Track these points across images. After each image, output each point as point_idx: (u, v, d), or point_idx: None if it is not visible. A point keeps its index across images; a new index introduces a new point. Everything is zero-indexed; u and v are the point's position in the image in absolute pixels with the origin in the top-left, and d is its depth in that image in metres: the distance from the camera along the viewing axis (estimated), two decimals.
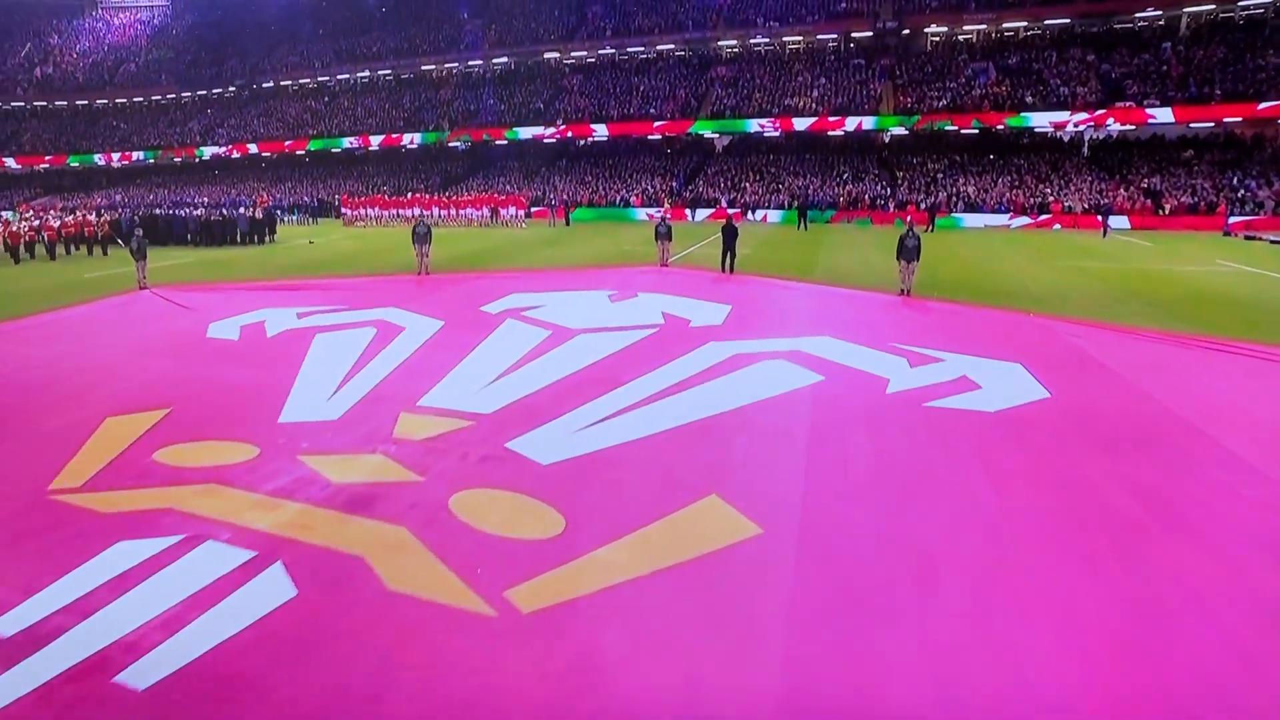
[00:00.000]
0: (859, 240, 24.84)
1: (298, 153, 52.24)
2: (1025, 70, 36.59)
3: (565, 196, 38.16)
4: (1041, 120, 34.29)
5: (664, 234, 17.60)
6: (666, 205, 39.13)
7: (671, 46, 49.01)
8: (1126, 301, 13.37)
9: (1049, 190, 32.50)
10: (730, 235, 16.45)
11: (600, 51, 51.16)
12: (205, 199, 46.19)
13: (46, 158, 53.40)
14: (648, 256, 18.63)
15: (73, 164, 53.69)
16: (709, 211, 37.74)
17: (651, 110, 44.97)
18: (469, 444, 6.80)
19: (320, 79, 55.64)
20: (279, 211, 33.70)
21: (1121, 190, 31.20)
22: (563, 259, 19.87)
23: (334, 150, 51.60)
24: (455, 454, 6.59)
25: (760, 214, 36.39)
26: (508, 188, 45.23)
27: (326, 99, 54.85)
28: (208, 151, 52.27)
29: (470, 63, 53.88)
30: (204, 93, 56.22)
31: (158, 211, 25.70)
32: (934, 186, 35.51)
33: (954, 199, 33.83)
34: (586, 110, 46.74)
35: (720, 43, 47.89)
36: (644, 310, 12.39)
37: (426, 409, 7.88)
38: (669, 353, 9.70)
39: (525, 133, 47.31)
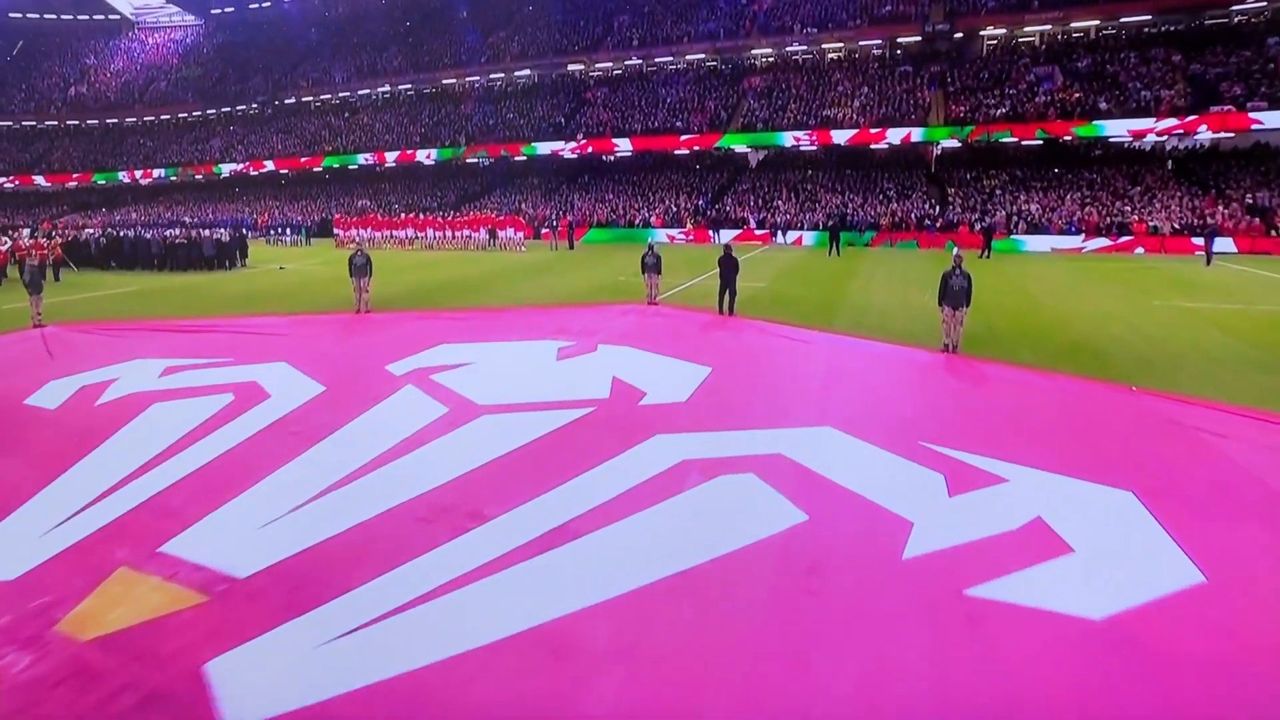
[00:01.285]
0: (900, 268, 21.40)
1: (315, 169, 51.30)
2: (1098, 74, 32.57)
3: (570, 217, 35.43)
4: (1118, 129, 30.22)
5: (651, 265, 14.62)
6: (689, 225, 36.28)
7: (702, 56, 46.39)
8: (1277, 369, 9.73)
9: (1129, 208, 28.37)
10: (729, 268, 13.37)
11: (626, 62, 48.94)
12: (187, 219, 45.37)
13: (74, 176, 53.66)
14: (642, 291, 15.68)
15: (99, 182, 53.85)
16: (735, 233, 34.64)
17: (678, 123, 42.28)
18: (169, 652, 3.88)
19: (341, 94, 54.89)
20: (274, 231, 32.10)
21: (1220, 207, 26.89)
22: (541, 293, 17.04)
23: (350, 167, 50.46)
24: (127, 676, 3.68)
25: (792, 235, 33.11)
26: (524, 207, 43.06)
27: (346, 115, 53.96)
28: (226, 168, 51.72)
29: (492, 76, 52.37)
30: (227, 110, 56.04)
31: (123, 233, 23.85)
32: (990, 204, 31.68)
33: (1014, 219, 29.97)
34: (609, 124, 44.35)
35: (754, 51, 45.05)
36: (590, 374, 9.38)
37: (165, 561, 5.03)
38: (588, 455, 6.66)
39: (544, 148, 45.20)
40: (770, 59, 45.30)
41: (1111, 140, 31.73)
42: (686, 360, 9.92)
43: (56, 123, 56.08)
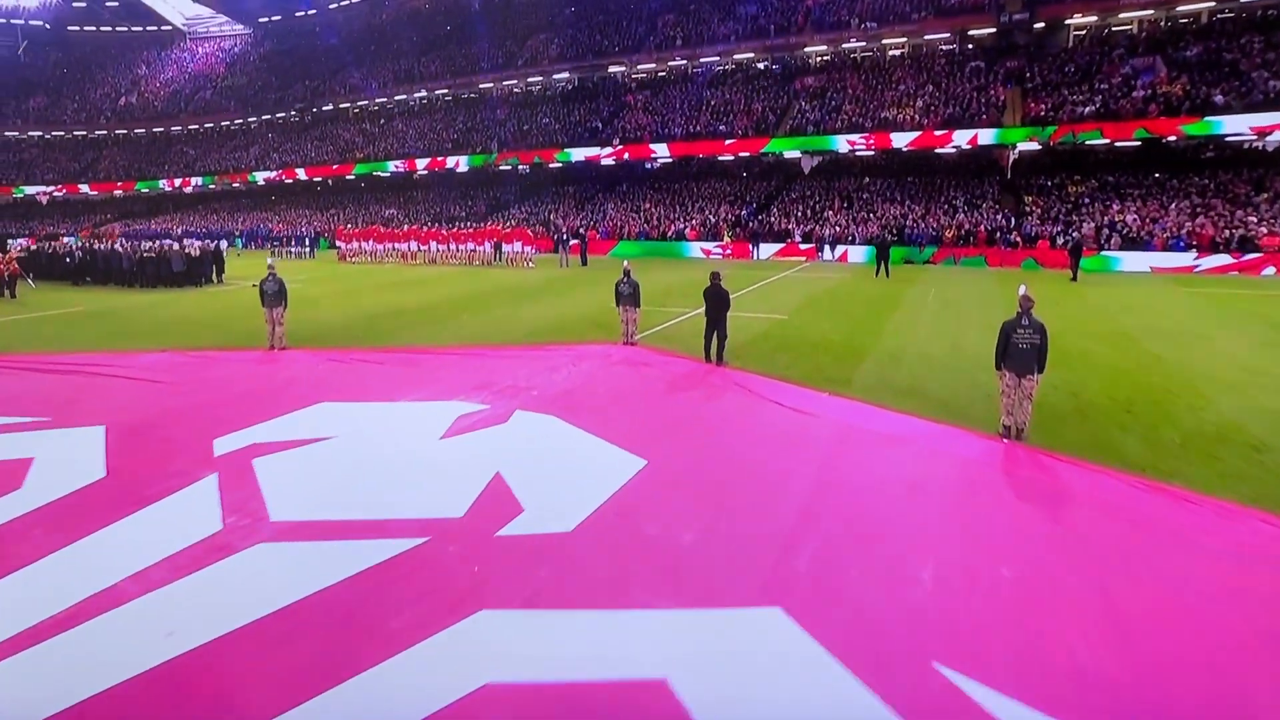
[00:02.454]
0: (958, 293, 17.87)
1: (347, 177, 50.64)
2: (1211, 63, 27.96)
3: (582, 230, 32.82)
4: (1238, 125, 25.61)
5: (626, 296, 11.82)
6: (726, 239, 33.23)
7: (751, 55, 43.43)
8: None
9: (1254, 218, 23.82)
10: (717, 304, 10.44)
11: (670, 63, 46.41)
12: (183, 230, 44.85)
13: (118, 184, 54.65)
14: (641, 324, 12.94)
15: (142, 190, 54.67)
16: (777, 247, 31.42)
17: (721, 127, 39.31)
18: None
19: (378, 101, 54.29)
20: (277, 242, 30.77)
21: None
22: (510, 324, 14.40)
23: (382, 174, 49.51)
24: None
25: (839, 251, 29.63)
26: (552, 218, 40.88)
27: (382, 121, 53.30)
28: (260, 176, 51.60)
29: (529, 80, 50.75)
30: (267, 117, 56.19)
31: (97, 246, 22.55)
32: (1076, 215, 27.48)
33: (1105, 232, 25.75)
34: (648, 128, 41.77)
35: (807, 49, 41.79)
36: (466, 469, 6.61)
37: None
38: (349, 648, 3.89)
39: (578, 154, 42.96)
40: (825, 57, 42.01)
41: (1228, 139, 27.06)
42: (618, 446, 7.05)
43: (105, 132, 57.40)
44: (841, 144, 35.16)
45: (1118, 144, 28.79)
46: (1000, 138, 30.92)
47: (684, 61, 45.87)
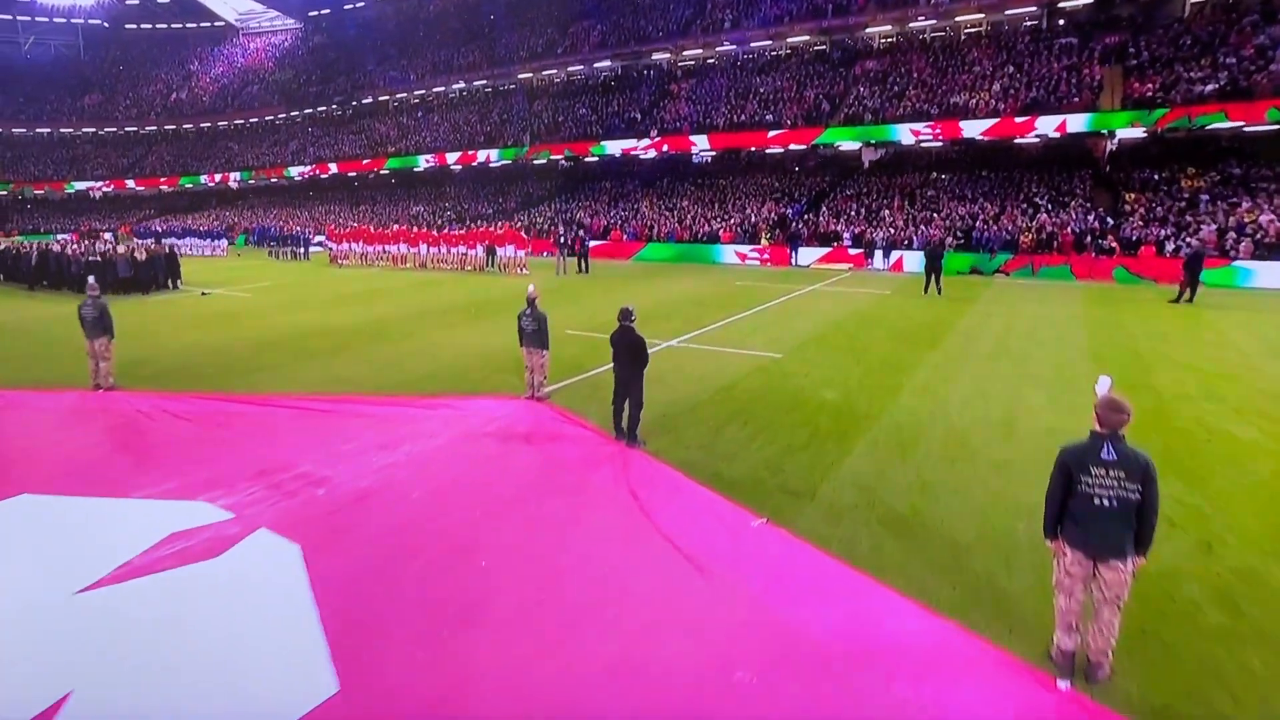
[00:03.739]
0: (1032, 319, 13.91)
1: (380, 172, 49.34)
2: None
3: (583, 232, 29.66)
4: None
5: (530, 335, 8.74)
6: (764, 241, 29.58)
7: (805, 38, 39.45)
8: None
9: None
10: (628, 358, 7.27)
11: (718, 49, 42.89)
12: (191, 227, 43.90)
13: (162, 180, 55.19)
14: (592, 357, 9.95)
15: (185, 185, 55.05)
16: (822, 252, 27.60)
17: (768, 117, 35.61)
18: None
19: (416, 93, 52.89)
20: (275, 242, 29.10)
21: None
22: (420, 360, 11.47)
23: (414, 169, 47.92)
24: None
25: (893, 257, 25.59)
26: (581, 215, 38.07)
27: (419, 114, 51.84)
28: (295, 172, 50.94)
29: (570, 69, 48.15)
30: (309, 111, 55.65)
31: (54, 248, 21.01)
32: (1192, 216, 22.61)
33: (1231, 236, 20.90)
34: (689, 119, 38.44)
35: (869, 29, 37.48)
36: (24, 678, 3.63)
37: None
38: None
39: (613, 147, 40.06)
40: (889, 38, 37.70)
41: None
42: (323, 634, 3.95)
43: (155, 128, 58.19)
44: (903, 133, 30.97)
45: (1247, 128, 23.66)
46: (1095, 124, 26.13)
47: (733, 47, 42.29)
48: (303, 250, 29.83)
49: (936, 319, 14.03)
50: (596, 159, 42.08)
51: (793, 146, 35.41)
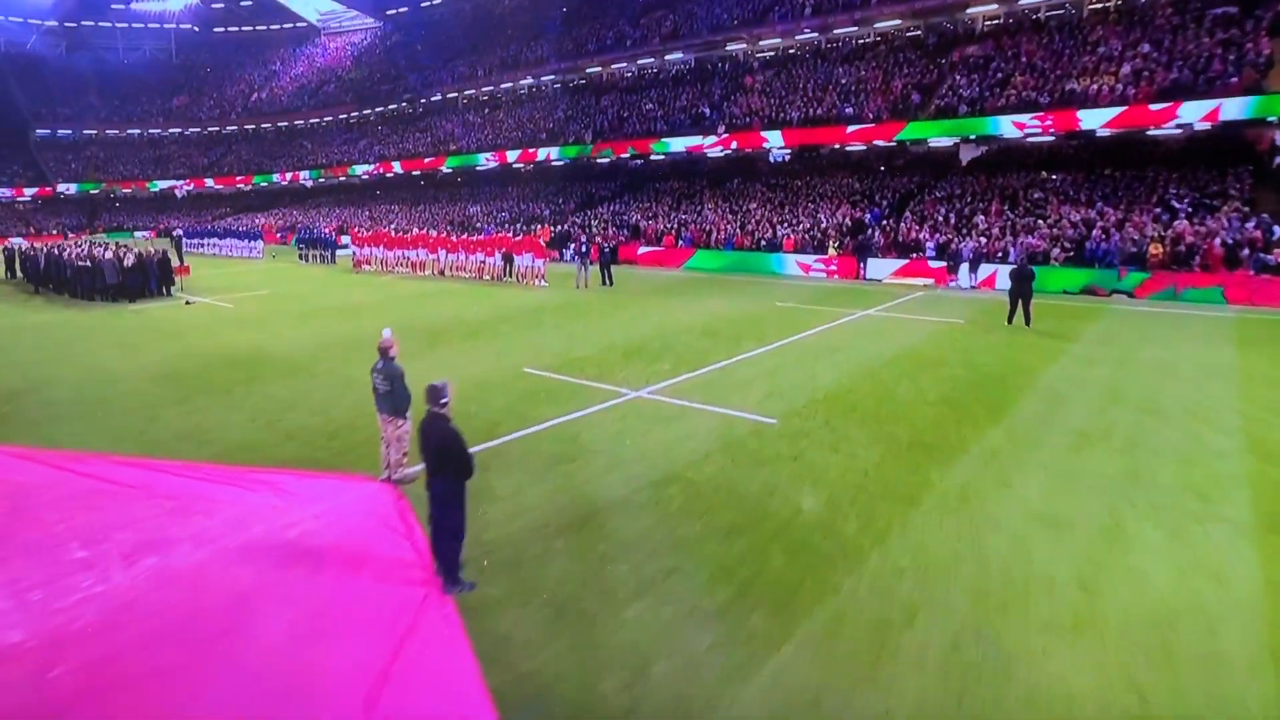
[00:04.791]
0: (1158, 365, 10.44)
1: (443, 171, 48.86)
2: None
3: (605, 237, 27.08)
4: None
5: (381, 395, 6.48)
6: (831, 251, 26.26)
7: (898, 23, 35.66)
8: None
9: None
10: (438, 459, 4.75)
11: (798, 37, 39.63)
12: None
13: (239, 178, 57.12)
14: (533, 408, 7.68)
15: (260, 184, 56.74)
16: (898, 265, 24.08)
17: (847, 110, 32.19)
18: None
19: (485, 89, 52.26)
20: (304, 245, 28.39)
21: None
22: (324, 407, 9.44)
23: (475, 168, 47.11)
24: None
25: (983, 272, 21.82)
26: (638, 219, 35.77)
27: (486, 111, 51.15)
28: (360, 170, 51.31)
29: (640, 62, 46.04)
30: (380, 109, 56.17)
31: (49, 251, 20.64)
32: None
33: None
34: (760, 113, 35.49)
35: (970, 9, 33.27)
36: None
37: None
38: None
39: (677, 144, 37.63)
40: (996, 19, 33.42)
41: None
42: None
43: (235, 128, 60.43)
44: (1005, 126, 26.95)
45: None
46: (1260, 109, 21.42)
47: (815, 34, 38.93)
48: (329, 254, 29.00)
49: (1014, 365, 10.71)
50: (663, 157, 39.82)
51: (876, 143, 31.89)
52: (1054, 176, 27.14)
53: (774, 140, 34.14)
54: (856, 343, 12.35)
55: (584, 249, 19.79)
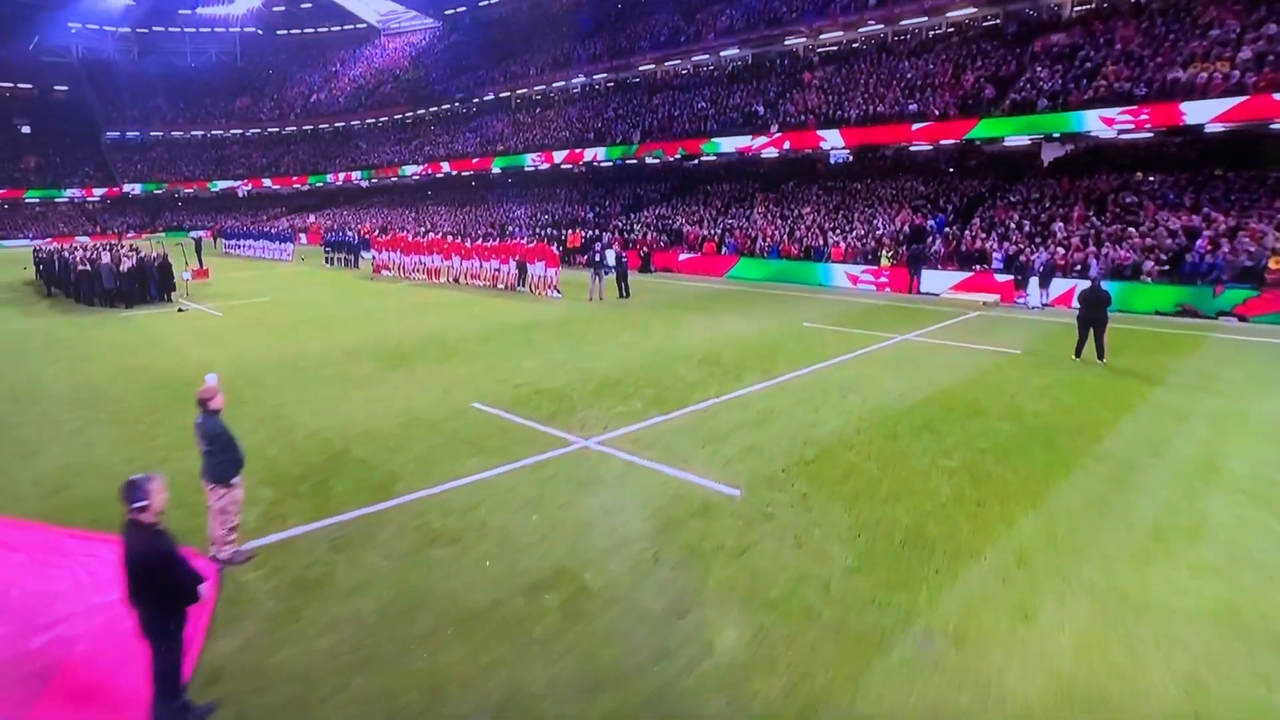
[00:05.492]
0: (1273, 420, 8.14)
1: (490, 172, 48.40)
2: None
3: (641, 243, 25.28)
4: None
5: (203, 456, 5.04)
6: (884, 261, 23.98)
7: (972, 11, 32.97)
8: None
9: None
10: (135, 581, 3.25)
11: (862, 29, 37.28)
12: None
13: (295, 179, 58.34)
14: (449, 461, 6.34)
15: (315, 184, 57.80)
16: (958, 278, 21.70)
17: (911, 106, 29.78)
18: None
19: (537, 88, 51.67)
20: (330, 248, 27.94)
21: None
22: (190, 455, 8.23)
23: (522, 168, 46.41)
24: None
25: (1055, 289, 19.26)
26: (682, 224, 34.14)
27: (537, 110, 50.51)
28: (410, 171, 51.46)
29: (695, 59, 44.46)
30: (434, 109, 56.37)
31: (60, 254, 20.56)
32: None
33: None
34: (816, 111, 33.36)
35: None
36: None
37: None
38: None
39: (727, 143, 35.85)
40: (1088, 4, 30.40)
41: None
42: None
43: (294, 129, 61.84)
44: (1092, 122, 24.13)
45: None
46: None
47: (881, 26, 36.52)
48: (353, 258, 28.48)
49: (1074, 417, 8.56)
50: (714, 158, 38.12)
51: (944, 142, 29.36)
52: (1151, 178, 24.10)
53: (830, 140, 31.94)
54: (880, 379, 10.36)
55: (597, 257, 18.27)
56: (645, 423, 8.46)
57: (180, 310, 17.48)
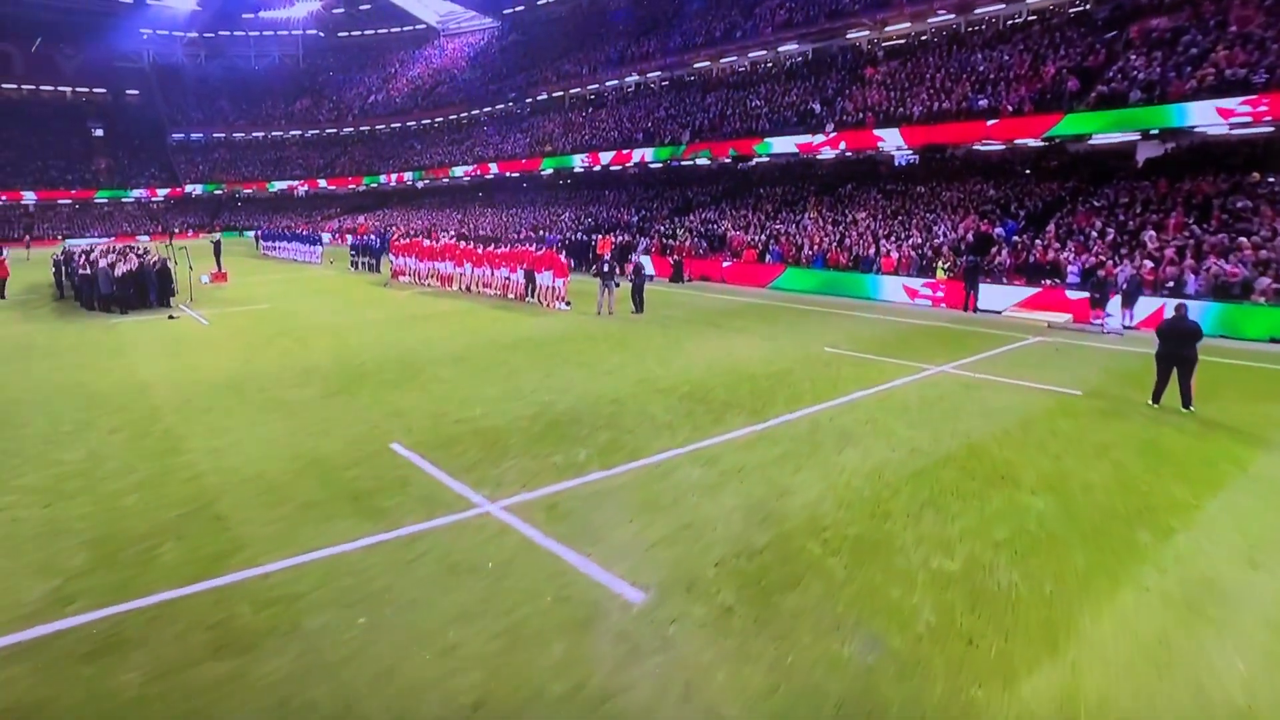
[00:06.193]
0: None
1: (541, 173, 47.73)
2: None
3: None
4: None
5: None
6: (940, 274, 21.70)
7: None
8: None
9: None
10: None
11: (931, 20, 34.84)
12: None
13: (350, 179, 59.27)
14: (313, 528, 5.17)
15: (369, 185, 58.55)
16: (1024, 294, 19.33)
17: (981, 102, 27.36)
18: None
19: (590, 87, 50.83)
20: (354, 250, 27.46)
21: None
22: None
23: (570, 169, 45.55)
24: None
25: (1141, 309, 16.75)
26: (728, 229, 32.40)
27: (589, 110, 49.64)
28: (460, 172, 51.37)
29: (751, 55, 42.70)
30: (488, 109, 56.25)
31: (72, 257, 20.57)
32: None
33: None
34: (876, 108, 31.18)
35: None
36: None
37: None
38: None
39: (781, 144, 34.00)
40: None
41: None
42: None
43: (351, 130, 62.92)
44: (1199, 115, 21.40)
45: None
46: None
47: (952, 16, 33.99)
48: (375, 262, 27.91)
49: (1137, 496, 6.56)
50: (767, 159, 36.31)
51: (1020, 141, 26.82)
52: (1270, 179, 21.02)
53: (889, 139, 29.73)
54: (893, 426, 8.50)
55: (604, 267, 16.79)
56: (577, 480, 6.95)
57: (171, 318, 16.98)
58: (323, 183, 60.52)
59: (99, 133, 61.91)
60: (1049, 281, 19.44)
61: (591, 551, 5.55)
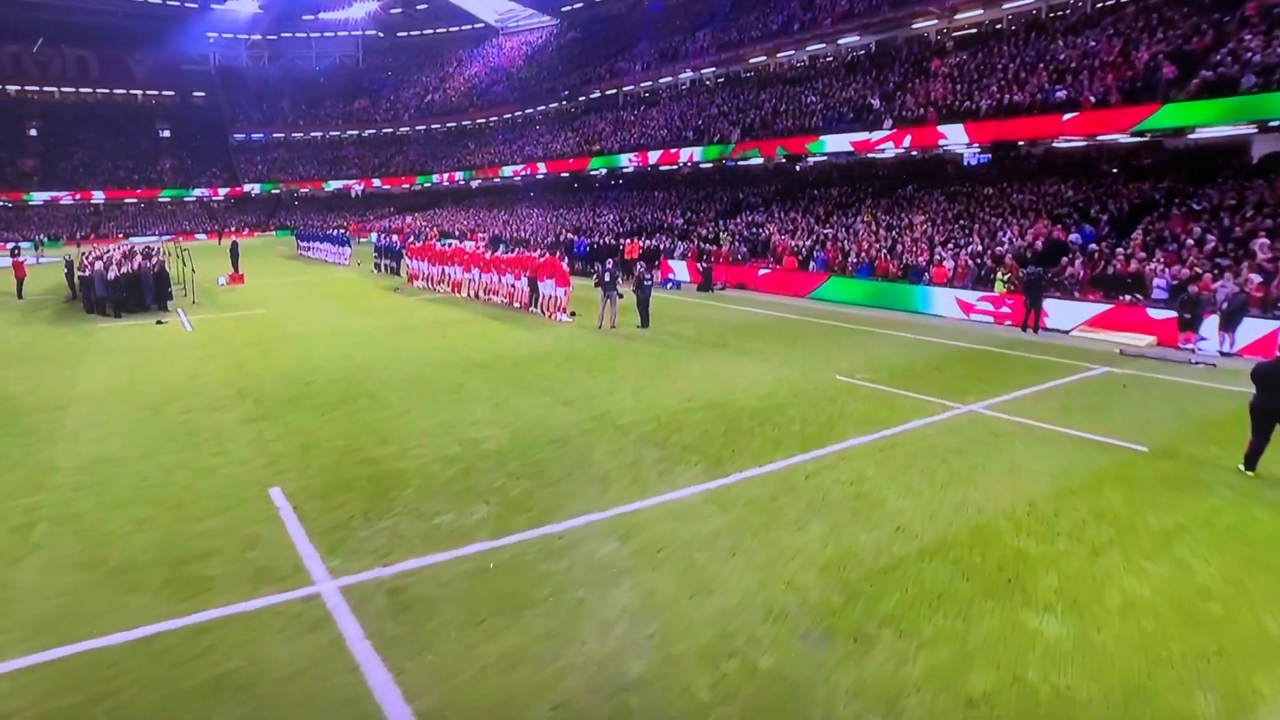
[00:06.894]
0: None
1: (590, 172, 46.83)
2: None
3: (701, 254, 21.77)
4: None
5: None
6: (1000, 287, 19.40)
7: None
8: None
9: None
10: None
11: (1006, 5, 32.29)
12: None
13: (404, 179, 59.86)
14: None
15: (422, 184, 58.97)
16: (1097, 310, 16.98)
17: (1059, 93, 24.81)
18: None
19: (643, 84, 49.74)
20: (378, 253, 26.90)
21: None
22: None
23: (619, 169, 44.47)
24: None
25: (1244, 332, 14.26)
26: (773, 234, 30.58)
27: (642, 108, 48.50)
28: (509, 170, 51.03)
29: (809, 49, 40.71)
30: (542, 108, 55.86)
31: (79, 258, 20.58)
32: None
33: None
34: (940, 103, 28.92)
35: None
36: None
37: None
38: None
39: (835, 142, 32.04)
40: None
41: None
42: None
43: (408, 129, 63.62)
44: None
45: None
46: None
47: (1029, 1, 31.38)
48: (395, 265, 27.31)
49: (1208, 627, 4.65)
50: (823, 158, 34.39)
51: (1104, 136, 24.18)
52: None
53: (953, 136, 27.43)
54: (884, 492, 6.72)
55: (606, 276, 15.36)
56: (450, 553, 5.58)
57: (159, 323, 16.55)
58: (377, 182, 61.39)
59: (165, 134, 64.68)
60: (1128, 297, 16.99)
61: (406, 668, 4.17)
